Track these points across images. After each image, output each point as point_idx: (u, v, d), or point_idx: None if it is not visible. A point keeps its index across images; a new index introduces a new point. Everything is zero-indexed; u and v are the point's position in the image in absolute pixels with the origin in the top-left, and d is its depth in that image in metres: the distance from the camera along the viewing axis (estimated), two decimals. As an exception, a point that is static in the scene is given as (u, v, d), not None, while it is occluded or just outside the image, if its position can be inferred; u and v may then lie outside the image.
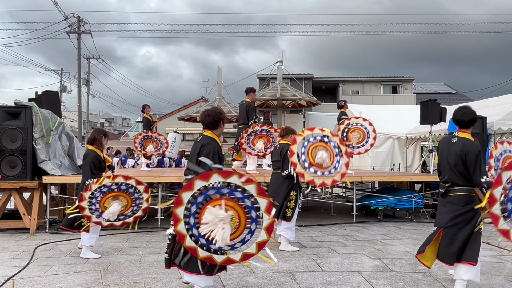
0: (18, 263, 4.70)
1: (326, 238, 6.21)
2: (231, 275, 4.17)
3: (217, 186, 3.12)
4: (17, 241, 5.99)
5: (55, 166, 7.01)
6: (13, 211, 7.04)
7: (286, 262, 4.73)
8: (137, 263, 4.65)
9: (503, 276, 4.16)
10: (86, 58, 29.62)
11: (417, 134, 11.52)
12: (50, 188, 7.08)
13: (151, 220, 7.07)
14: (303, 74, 30.60)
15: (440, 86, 39.88)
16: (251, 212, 3.19)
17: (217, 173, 3.13)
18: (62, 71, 32.09)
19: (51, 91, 8.54)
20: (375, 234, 6.61)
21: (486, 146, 8.24)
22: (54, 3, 23.72)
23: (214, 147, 3.58)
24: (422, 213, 8.29)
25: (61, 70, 32.09)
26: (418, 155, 12.74)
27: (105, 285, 3.88)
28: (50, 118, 7.23)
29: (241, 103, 8.49)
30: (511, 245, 5.72)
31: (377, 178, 9.05)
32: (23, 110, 6.72)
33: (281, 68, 15.12)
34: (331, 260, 4.84)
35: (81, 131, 26.17)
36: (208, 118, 3.69)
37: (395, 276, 4.19)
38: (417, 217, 8.15)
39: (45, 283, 3.93)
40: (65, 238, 6.19)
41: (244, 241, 3.23)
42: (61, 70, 32.09)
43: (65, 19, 25.11)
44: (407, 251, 5.32)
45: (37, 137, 6.76)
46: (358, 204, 8.04)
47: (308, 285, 3.87)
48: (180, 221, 3.13)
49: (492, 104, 10.11)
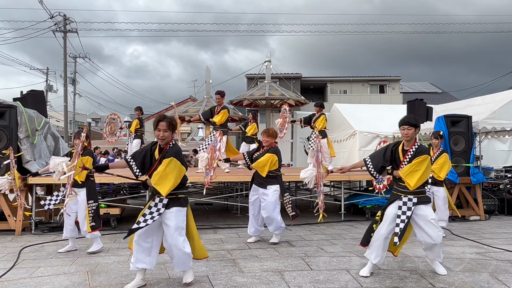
0: (3, 265, 4.63)
1: (315, 237, 6.24)
2: (220, 275, 4.16)
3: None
4: (2, 243, 5.90)
5: (41, 166, 6.91)
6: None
7: (275, 261, 4.74)
8: (125, 264, 4.62)
9: (488, 273, 4.22)
10: (72, 57, 29.33)
11: (404, 133, 11.61)
12: (35, 189, 6.99)
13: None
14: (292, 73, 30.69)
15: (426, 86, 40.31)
16: None
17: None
18: (48, 70, 31.72)
19: (37, 91, 8.45)
20: (363, 232, 6.63)
21: (472, 144, 8.37)
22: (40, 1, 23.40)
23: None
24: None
25: (46, 69, 31.71)
26: (405, 154, 12.84)
27: (92, 286, 3.84)
28: (35, 118, 7.14)
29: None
30: (496, 242, 5.83)
31: (364, 177, 9.10)
32: (8, 110, 6.63)
33: (269, 68, 15.16)
34: (320, 258, 4.87)
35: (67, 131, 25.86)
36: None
37: (383, 274, 4.23)
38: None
39: (31, 285, 3.88)
40: (51, 239, 6.12)
41: None
42: (46, 69, 31.71)
43: (51, 18, 24.80)
44: (395, 249, 5.36)
45: (22, 137, 6.67)
46: (346, 203, 8.10)
47: (297, 284, 3.88)
48: None
49: (477, 103, 10.26)
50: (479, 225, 7.47)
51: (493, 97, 10.07)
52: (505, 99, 9.30)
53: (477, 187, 8.19)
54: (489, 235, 6.42)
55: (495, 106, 9.15)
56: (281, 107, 15.47)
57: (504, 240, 6.03)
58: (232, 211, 9.21)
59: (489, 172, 9.52)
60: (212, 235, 6.38)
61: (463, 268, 4.42)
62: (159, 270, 4.28)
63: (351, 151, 12.84)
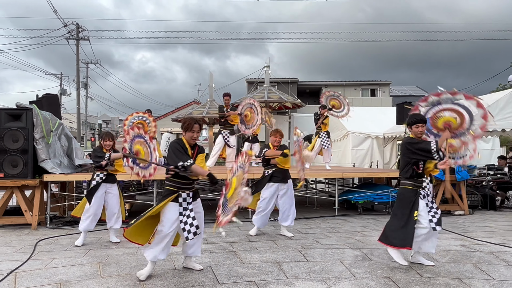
0: (20, 257, 4.63)
1: (311, 230, 6.24)
2: (222, 266, 4.16)
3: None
4: (19, 236, 5.90)
5: (55, 165, 6.91)
6: (15, 208, 6.94)
7: (273, 253, 4.74)
8: (134, 256, 4.62)
9: (472, 264, 4.23)
10: (84, 63, 29.30)
11: (393, 133, 11.63)
12: (50, 186, 6.98)
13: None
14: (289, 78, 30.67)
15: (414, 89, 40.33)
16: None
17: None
18: (62, 75, 31.64)
19: (51, 94, 8.43)
20: (356, 226, 6.66)
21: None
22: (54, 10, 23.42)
23: (173, 147, 3.81)
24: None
25: (60, 74, 31.65)
26: (394, 153, 12.87)
27: (103, 276, 3.84)
28: (50, 119, 7.14)
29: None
30: (480, 235, 5.83)
31: (357, 174, 9.12)
32: (25, 112, 6.62)
33: (268, 73, 15.15)
34: (315, 250, 4.87)
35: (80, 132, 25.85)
36: (181, 124, 3.99)
37: (374, 264, 4.23)
38: (394, 210, 8.22)
39: (46, 275, 3.88)
40: (65, 232, 6.12)
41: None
42: (60, 74, 31.65)
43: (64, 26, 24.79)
44: (385, 241, 5.37)
45: (37, 138, 6.66)
46: (340, 199, 8.10)
47: (294, 274, 3.89)
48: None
49: (461, 106, 10.23)
50: (464, 219, 7.47)
51: (476, 100, 10.04)
52: (487, 102, 9.22)
53: (461, 184, 8.19)
54: (472, 229, 6.42)
55: (478, 108, 9.12)
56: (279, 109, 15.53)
57: (487, 233, 6.03)
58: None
59: (473, 170, 9.52)
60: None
61: (449, 259, 4.43)
62: (165, 262, 4.28)
63: (344, 150, 12.86)
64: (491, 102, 9.15)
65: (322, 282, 3.63)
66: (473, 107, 4.24)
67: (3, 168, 6.48)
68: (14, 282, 3.67)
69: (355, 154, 12.33)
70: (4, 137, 6.48)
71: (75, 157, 7.89)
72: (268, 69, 15.15)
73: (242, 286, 3.54)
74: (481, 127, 4.69)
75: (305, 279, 3.73)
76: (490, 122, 4.32)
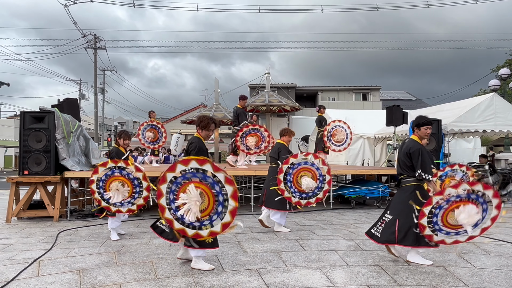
0: (43, 246, 4.65)
1: (308, 223, 6.23)
2: (227, 255, 4.16)
3: (193, 172, 3.26)
4: (42, 228, 5.92)
5: (75, 163, 6.93)
6: (39, 202, 6.95)
7: (273, 243, 4.74)
8: (146, 246, 4.63)
9: (455, 253, 4.21)
10: (101, 70, 29.35)
11: (383, 134, 11.62)
12: (70, 182, 7.00)
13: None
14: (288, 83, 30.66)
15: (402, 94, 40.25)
16: (218, 196, 3.29)
17: (195, 160, 3.25)
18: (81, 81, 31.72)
19: (71, 99, 8.44)
20: (349, 219, 6.65)
21: (441, 144, 8.34)
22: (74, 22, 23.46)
23: (198, 143, 3.75)
24: (387, 200, 8.36)
25: (80, 80, 31.71)
26: (384, 152, 12.86)
27: (119, 264, 3.85)
28: (70, 121, 7.15)
29: (234, 108, 8.52)
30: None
31: (350, 171, 9.10)
32: (47, 115, 6.65)
33: (268, 79, 15.16)
34: (312, 241, 4.86)
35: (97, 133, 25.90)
36: (197, 121, 3.90)
37: (366, 254, 4.22)
38: (384, 204, 8.21)
39: (66, 263, 3.89)
40: (84, 224, 6.13)
41: (211, 220, 3.33)
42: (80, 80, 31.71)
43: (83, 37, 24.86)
44: (376, 233, 5.36)
45: (59, 138, 6.68)
46: (334, 194, 8.08)
47: (292, 262, 3.88)
48: (162, 196, 3.27)
49: (446, 108, 10.23)
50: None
51: (459, 104, 10.04)
52: (469, 105, 9.27)
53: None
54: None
55: (461, 111, 9.12)
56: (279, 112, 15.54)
57: (469, 225, 6.00)
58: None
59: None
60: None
61: (434, 249, 4.41)
62: (175, 251, 4.28)
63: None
64: (473, 105, 9.14)
65: (318, 270, 3.62)
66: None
67: (28, 166, 6.50)
68: (38, 269, 3.68)
69: (348, 153, 12.32)
70: (28, 138, 6.51)
71: (91, 157, 7.91)
72: (269, 75, 15.16)
73: (245, 273, 3.54)
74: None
75: (302, 267, 3.73)
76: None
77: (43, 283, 3.28)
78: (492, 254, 4.20)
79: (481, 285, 3.20)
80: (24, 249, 4.53)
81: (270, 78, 15.31)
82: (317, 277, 3.41)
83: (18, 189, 6.81)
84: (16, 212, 6.56)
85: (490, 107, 9.07)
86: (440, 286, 3.18)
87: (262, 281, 3.30)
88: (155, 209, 6.78)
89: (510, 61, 26.96)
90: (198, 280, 3.33)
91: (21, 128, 6.55)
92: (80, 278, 3.42)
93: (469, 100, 10.01)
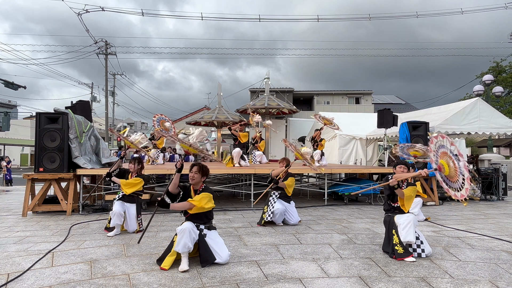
0: (56, 239, 4.64)
1: (303, 218, 6.23)
2: (228, 248, 4.14)
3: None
4: (56, 221, 5.92)
5: (86, 161, 6.93)
6: (53, 197, 6.95)
7: (272, 237, 4.74)
8: (153, 239, 4.63)
9: (441, 247, 4.22)
10: (112, 74, 29.39)
11: (375, 135, 11.62)
12: (82, 179, 7.00)
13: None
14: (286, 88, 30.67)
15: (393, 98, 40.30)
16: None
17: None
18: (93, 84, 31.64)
19: (84, 101, 8.44)
20: (342, 214, 6.65)
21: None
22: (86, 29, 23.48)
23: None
24: (378, 198, 8.38)
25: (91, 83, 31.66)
26: (376, 152, 12.86)
27: (127, 256, 3.85)
28: (82, 122, 7.15)
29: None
30: (448, 222, 5.81)
31: (343, 170, 9.09)
32: (61, 116, 6.65)
33: (268, 83, 15.17)
34: (307, 235, 4.86)
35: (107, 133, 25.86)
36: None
37: (358, 247, 4.22)
38: (375, 201, 8.23)
39: (78, 254, 3.89)
40: (95, 218, 6.13)
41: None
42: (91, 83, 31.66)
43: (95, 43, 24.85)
44: (367, 227, 5.37)
45: (72, 138, 6.68)
46: (329, 191, 8.08)
47: (289, 255, 3.88)
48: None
49: (433, 112, 10.24)
50: (434, 209, 7.45)
51: (446, 107, 10.06)
52: (455, 109, 9.29)
53: (433, 179, 8.17)
54: (442, 217, 6.40)
55: (447, 115, 9.13)
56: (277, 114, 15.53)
57: (454, 221, 6.01)
58: (238, 196, 9.20)
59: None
60: (222, 216, 6.38)
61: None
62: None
63: (332, 150, 12.84)
64: (459, 109, 9.15)
65: (313, 262, 3.62)
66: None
67: (43, 163, 6.50)
68: (52, 260, 3.68)
69: (342, 153, 12.34)
70: (43, 137, 6.51)
71: (102, 155, 7.91)
72: (268, 80, 15.18)
73: (245, 264, 3.54)
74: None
75: (299, 259, 3.73)
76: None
77: (56, 273, 3.28)
78: (476, 248, 4.20)
79: (465, 277, 3.20)
80: (39, 241, 4.53)
81: (270, 83, 15.32)
82: (312, 269, 3.41)
83: (34, 185, 6.81)
84: (32, 206, 6.56)
85: (474, 110, 9.08)
86: (427, 277, 3.18)
87: (261, 272, 3.30)
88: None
89: (493, 68, 26.95)
90: (202, 271, 3.33)
91: (36, 128, 6.56)
92: (91, 268, 3.41)
93: (455, 104, 10.02)
